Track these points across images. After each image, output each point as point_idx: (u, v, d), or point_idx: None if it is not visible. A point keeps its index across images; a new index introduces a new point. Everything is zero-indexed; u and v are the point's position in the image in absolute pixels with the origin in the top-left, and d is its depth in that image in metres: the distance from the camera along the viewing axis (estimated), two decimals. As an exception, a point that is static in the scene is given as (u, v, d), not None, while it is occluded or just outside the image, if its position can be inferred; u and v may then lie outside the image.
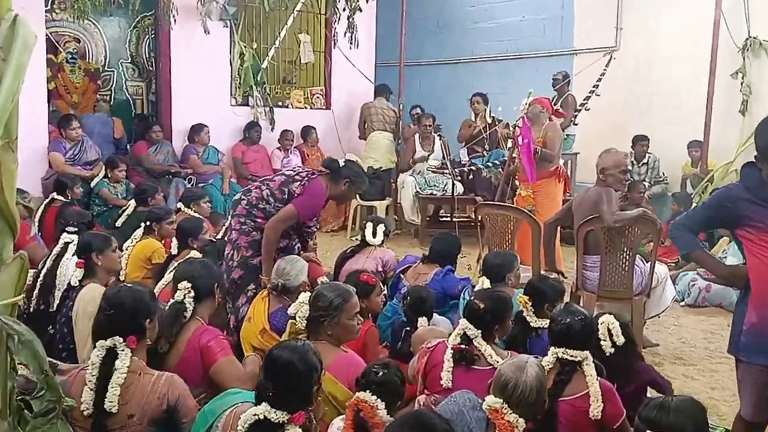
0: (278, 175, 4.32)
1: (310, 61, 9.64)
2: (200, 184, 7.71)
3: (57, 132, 7.21)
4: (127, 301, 2.55)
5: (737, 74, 8.14)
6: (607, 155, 4.81)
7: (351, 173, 4.30)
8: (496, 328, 3.06)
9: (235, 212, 4.21)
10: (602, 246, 4.66)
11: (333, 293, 3.05)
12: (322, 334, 3.01)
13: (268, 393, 2.23)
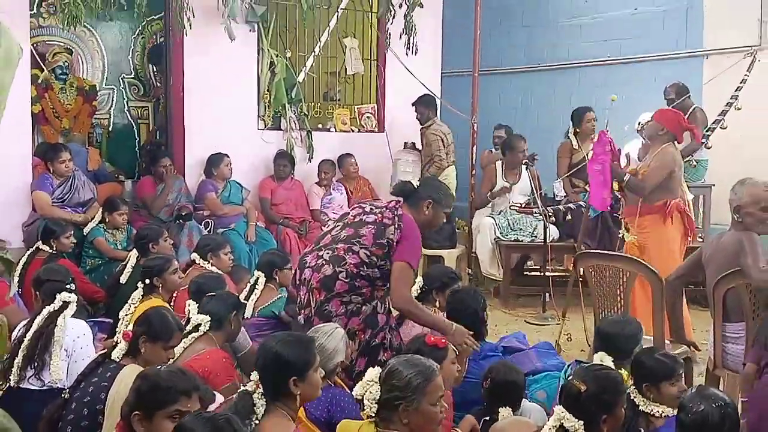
0: (362, 228, 4.41)
1: (358, 72, 9.70)
2: (219, 229, 7.77)
3: (43, 165, 7.32)
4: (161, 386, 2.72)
5: None
6: (741, 188, 4.74)
7: (430, 191, 4.52)
8: (605, 419, 3.02)
9: (333, 292, 4.29)
10: (748, 310, 4.57)
11: (412, 370, 3.03)
12: (396, 423, 3.00)
13: None
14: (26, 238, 6.99)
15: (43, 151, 7.55)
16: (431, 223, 4.63)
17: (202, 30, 7.94)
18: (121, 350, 3.60)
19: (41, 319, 4.07)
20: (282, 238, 8.15)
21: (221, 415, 2.46)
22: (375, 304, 4.39)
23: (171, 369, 2.99)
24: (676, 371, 3.67)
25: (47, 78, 8.40)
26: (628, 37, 10.17)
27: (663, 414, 3.52)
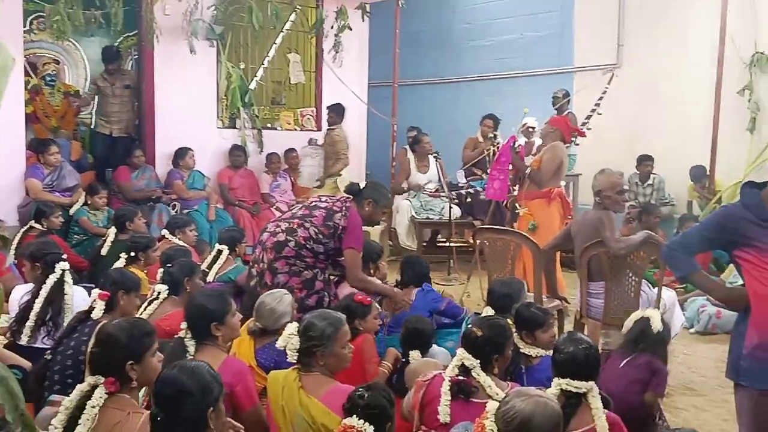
0: (314, 210, 4.45)
1: (299, 82, 9.68)
2: (185, 210, 7.69)
3: (35, 157, 7.19)
4: (118, 338, 2.56)
5: (744, 91, 8.22)
6: (601, 176, 4.87)
7: (372, 193, 4.57)
8: (496, 358, 3.04)
9: (281, 254, 4.31)
10: (606, 272, 4.69)
11: (324, 322, 3.05)
12: (315, 366, 3.01)
13: (157, 422, 2.18)
14: (20, 218, 6.82)
15: (35, 145, 7.42)
16: (371, 217, 4.66)
17: (169, 45, 7.82)
18: (100, 309, 3.49)
19: (48, 287, 3.94)
20: (237, 217, 8.09)
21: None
22: (316, 272, 4.39)
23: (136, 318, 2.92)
24: (547, 321, 3.74)
25: (38, 84, 8.29)
26: (515, 56, 10.30)
27: (538, 354, 3.58)
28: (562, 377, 2.83)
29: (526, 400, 2.37)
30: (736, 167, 8.09)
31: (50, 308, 3.90)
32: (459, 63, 10.95)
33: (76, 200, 7.02)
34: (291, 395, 2.94)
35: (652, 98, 8.88)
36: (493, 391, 2.88)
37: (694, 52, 8.55)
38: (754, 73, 8.19)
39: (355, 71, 9.56)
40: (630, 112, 8.90)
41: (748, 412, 2.84)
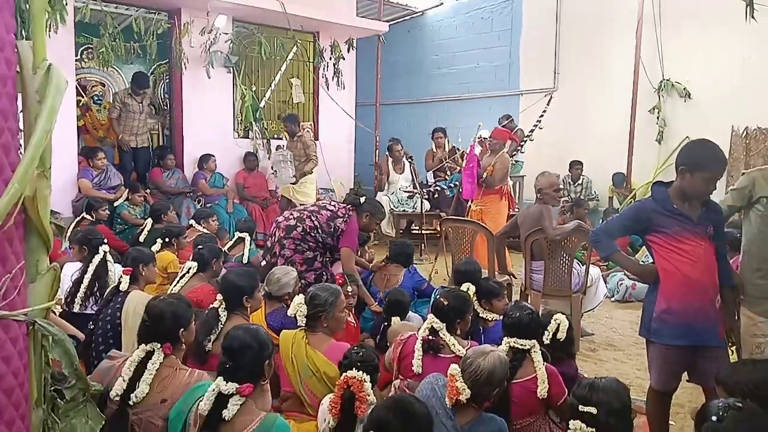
0: (322, 210, 4.55)
1: (300, 101, 9.62)
2: (208, 204, 7.64)
3: (85, 162, 7.11)
4: (166, 313, 2.58)
5: (654, 110, 8.31)
6: (542, 177, 4.89)
7: (371, 208, 4.64)
8: (458, 322, 3.06)
9: (290, 235, 4.43)
10: (545, 253, 4.72)
11: (326, 292, 3.10)
12: (319, 327, 3.06)
13: (225, 367, 2.21)
14: (74, 211, 6.73)
15: (86, 152, 7.33)
16: (367, 227, 4.69)
17: (194, 71, 7.79)
18: (126, 282, 3.49)
19: (94, 266, 3.94)
20: (250, 210, 8.03)
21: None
22: (316, 254, 4.44)
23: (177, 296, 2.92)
24: (502, 292, 3.76)
25: (87, 102, 8.16)
26: (473, 82, 10.32)
27: (493, 319, 3.61)
28: (511, 337, 2.86)
29: (486, 357, 2.42)
30: (648, 170, 8.19)
31: (97, 282, 3.90)
32: (428, 87, 10.95)
33: (119, 197, 6.95)
34: (299, 349, 2.96)
35: (581, 115, 8.95)
36: (456, 348, 2.91)
37: (615, 78, 8.62)
38: (661, 96, 8.28)
39: (346, 93, 9.52)
40: (564, 126, 8.95)
41: (656, 362, 2.88)
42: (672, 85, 8.16)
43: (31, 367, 1.25)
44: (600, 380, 1.93)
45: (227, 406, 2.12)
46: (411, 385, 2.77)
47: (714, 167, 2.69)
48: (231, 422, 2.11)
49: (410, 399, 2.09)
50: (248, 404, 2.17)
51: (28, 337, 1.25)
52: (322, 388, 2.83)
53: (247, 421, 2.11)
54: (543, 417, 2.81)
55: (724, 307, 2.85)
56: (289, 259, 4.36)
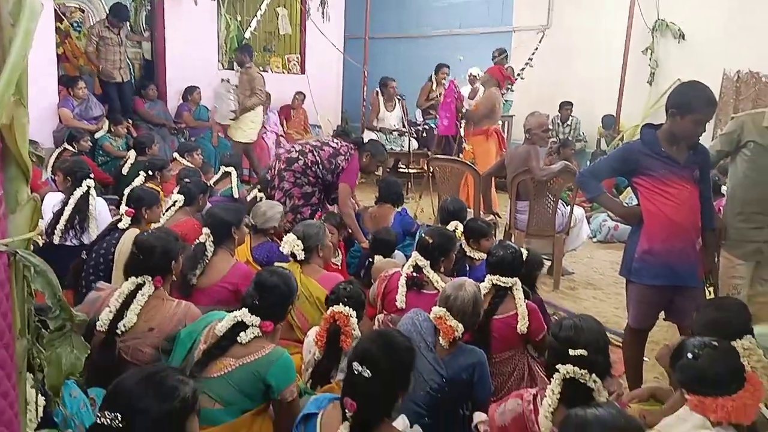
0: (325, 146, 4.49)
1: (287, 33, 9.37)
2: (192, 137, 7.52)
3: (65, 91, 6.90)
4: (156, 247, 2.60)
5: (647, 51, 8.18)
6: (531, 117, 4.84)
7: (372, 148, 4.59)
8: (442, 260, 3.11)
9: (291, 167, 4.39)
10: (531, 193, 4.73)
11: (314, 227, 3.25)
12: (314, 258, 3.19)
13: (252, 302, 2.29)
14: (54, 141, 6.59)
15: (65, 81, 7.09)
16: (367, 167, 4.65)
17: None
18: (126, 222, 3.48)
19: (75, 198, 3.87)
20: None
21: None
22: (314, 190, 4.44)
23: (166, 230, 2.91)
24: (489, 232, 3.79)
25: (66, 29, 7.84)
26: (465, 17, 10.04)
27: (480, 257, 3.64)
28: (494, 274, 2.90)
29: (464, 288, 2.49)
30: (637, 112, 8.14)
31: (77, 215, 3.86)
32: (419, 21, 10.64)
33: (101, 128, 6.79)
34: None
35: (573, 55, 8.79)
36: (440, 285, 2.95)
37: (609, 18, 8.42)
38: (655, 36, 8.13)
39: (333, 25, 9.25)
40: (555, 65, 8.80)
41: (635, 301, 2.94)
42: (666, 25, 8.01)
43: (13, 297, 1.24)
44: (579, 321, 1.97)
45: (245, 331, 2.23)
46: (394, 319, 2.82)
47: (704, 109, 2.68)
48: (241, 346, 2.21)
49: (393, 332, 2.14)
50: (261, 336, 2.27)
51: (10, 268, 1.24)
52: (314, 312, 2.97)
53: (256, 348, 2.21)
54: (522, 351, 2.90)
55: (704, 249, 2.90)
56: (287, 192, 4.35)
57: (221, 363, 2.19)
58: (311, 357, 2.54)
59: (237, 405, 2.16)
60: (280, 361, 2.19)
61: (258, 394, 2.18)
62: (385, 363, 1.78)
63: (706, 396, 1.78)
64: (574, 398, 1.80)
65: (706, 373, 1.81)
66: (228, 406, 2.15)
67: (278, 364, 2.17)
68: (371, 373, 1.75)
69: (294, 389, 2.20)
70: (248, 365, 2.17)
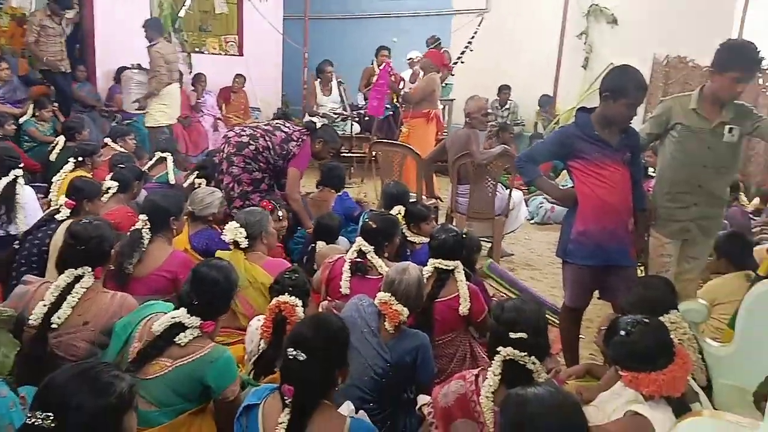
0: (277, 131, 4.36)
1: (223, 12, 9.09)
2: (126, 121, 7.22)
3: (-14, 72, 6.48)
4: (93, 237, 2.50)
5: (582, 35, 8.40)
6: (471, 101, 4.90)
7: (325, 134, 4.47)
8: (386, 245, 3.12)
9: (241, 152, 4.25)
10: (471, 177, 4.80)
11: (257, 214, 3.21)
12: (258, 245, 3.15)
13: (191, 302, 2.20)
14: (-26, 126, 6.17)
15: (-15, 61, 6.63)
16: (319, 153, 4.53)
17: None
18: (65, 214, 3.32)
19: (2, 187, 3.65)
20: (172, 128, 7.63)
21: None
22: (265, 176, 4.33)
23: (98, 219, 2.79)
24: (430, 216, 3.82)
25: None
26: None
27: (420, 242, 3.66)
28: (436, 258, 2.93)
29: (408, 272, 2.52)
30: (573, 96, 8.37)
31: (4, 204, 3.66)
32: (360, 2, 10.55)
33: (25, 112, 6.40)
34: (237, 265, 2.92)
35: (511, 39, 8.93)
36: (384, 270, 2.95)
37: (545, 2, 8.60)
38: (590, 21, 8.36)
39: (272, 4, 9.05)
40: (494, 49, 8.93)
41: (570, 281, 3.04)
42: (600, 10, 8.24)
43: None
44: (521, 303, 2.01)
45: (183, 331, 2.14)
46: (338, 305, 2.82)
47: (635, 93, 2.77)
48: (179, 347, 2.14)
49: (326, 315, 2.16)
50: (201, 335, 2.19)
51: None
52: (259, 298, 2.93)
53: (194, 348, 2.14)
54: (464, 333, 2.95)
55: (635, 229, 3.02)
56: (236, 177, 4.24)
57: (157, 364, 2.11)
58: (254, 347, 2.51)
59: (173, 406, 2.10)
60: (220, 362, 2.12)
61: (195, 395, 2.13)
62: (318, 343, 1.80)
63: (639, 372, 1.86)
64: (514, 379, 1.84)
65: (638, 350, 1.89)
66: (164, 408, 2.09)
67: (217, 365, 2.11)
68: (306, 356, 1.76)
69: (235, 388, 2.16)
70: (185, 366, 2.10)
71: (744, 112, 3.00)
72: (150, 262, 2.98)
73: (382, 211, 3.75)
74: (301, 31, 9.08)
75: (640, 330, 1.92)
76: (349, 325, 2.02)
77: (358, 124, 8.04)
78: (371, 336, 2.43)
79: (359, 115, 8.07)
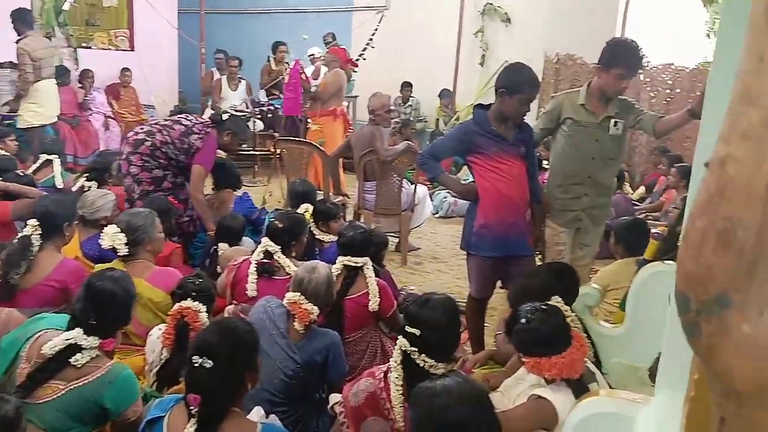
0: (176, 124, 4.10)
1: (112, 5, 8.59)
2: (6, 122, 6.64)
3: None
4: None
5: (478, 33, 8.68)
6: (374, 98, 4.94)
7: (232, 126, 4.26)
8: (294, 244, 3.08)
9: (137, 150, 3.97)
10: (377, 173, 4.84)
11: (140, 217, 2.96)
12: (141, 253, 2.90)
13: (87, 320, 2.04)
14: None
15: None
16: (228, 146, 4.33)
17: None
18: None
19: None
20: (58, 129, 7.11)
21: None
22: (167, 174, 4.06)
23: None
24: (338, 213, 3.82)
25: None
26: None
27: (329, 240, 3.65)
28: (345, 255, 2.93)
29: (317, 271, 2.50)
30: (471, 93, 8.63)
31: None
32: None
33: None
34: None
35: (412, 36, 9.06)
36: (292, 270, 2.92)
37: (443, 1, 8.80)
38: (485, 20, 8.64)
39: (166, -2, 8.66)
40: (396, 46, 9.02)
41: (474, 272, 3.14)
42: (495, 9, 8.54)
43: None
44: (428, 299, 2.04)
45: (79, 352, 1.99)
46: (245, 309, 2.75)
47: (529, 89, 2.90)
48: (75, 368, 1.98)
49: (233, 319, 2.11)
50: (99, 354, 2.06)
51: None
52: (148, 315, 2.75)
53: (92, 368, 2.00)
54: (374, 329, 2.97)
55: (532, 220, 3.16)
56: (136, 177, 3.97)
57: (49, 387, 1.95)
58: (156, 357, 2.40)
59: (68, 431, 1.96)
60: (119, 382, 1.99)
61: (92, 418, 2.00)
62: (225, 348, 1.73)
63: (541, 357, 1.95)
64: (412, 373, 1.88)
65: (539, 336, 1.97)
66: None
67: (116, 385, 1.99)
68: (212, 363, 1.69)
69: (137, 407, 2.04)
70: (81, 388, 1.96)
71: (627, 107, 3.22)
72: (38, 272, 2.77)
73: (288, 209, 3.70)
74: (197, 26, 8.76)
75: (539, 317, 2.00)
76: (257, 328, 1.97)
77: (261, 121, 7.88)
78: (280, 338, 2.39)
79: (262, 112, 7.92)
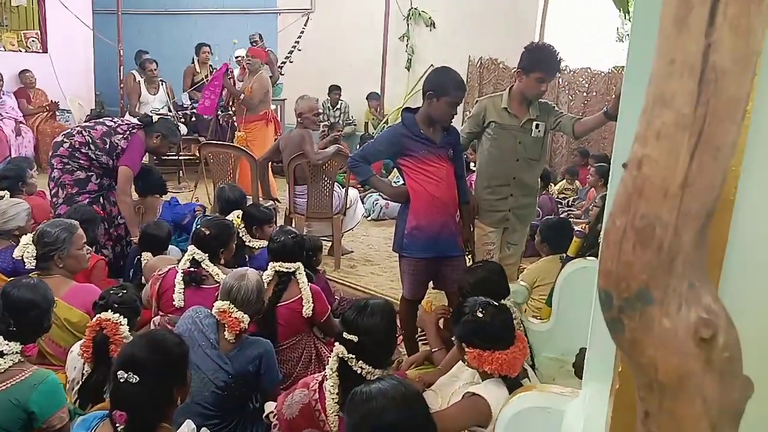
0: (99, 125, 4.00)
1: (21, 4, 8.11)
2: None
3: None
4: None
5: (404, 37, 8.78)
6: (302, 101, 4.89)
7: (162, 128, 4.12)
8: (222, 251, 3.01)
9: (56, 153, 3.87)
10: (308, 177, 4.80)
11: (58, 228, 2.78)
12: (54, 269, 2.73)
13: (8, 328, 2.00)
14: None
15: None
16: (158, 149, 4.20)
17: None
18: None
19: None
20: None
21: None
22: (90, 175, 3.91)
23: None
24: (272, 218, 3.76)
25: None
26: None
27: (259, 246, 3.59)
28: (276, 261, 2.88)
29: (246, 278, 2.45)
30: (398, 96, 8.72)
31: None
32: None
33: None
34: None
35: (338, 39, 9.06)
36: (221, 278, 2.84)
37: (369, 4, 8.84)
38: (410, 24, 8.76)
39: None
40: (323, 49, 9.00)
41: (407, 274, 3.15)
42: (419, 14, 8.66)
43: None
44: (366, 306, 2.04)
45: (1, 357, 1.95)
46: (172, 320, 2.66)
47: (456, 92, 2.95)
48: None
49: (159, 332, 2.05)
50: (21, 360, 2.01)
51: None
52: (65, 336, 2.60)
53: (15, 372, 1.95)
54: (308, 334, 2.94)
55: (461, 221, 3.22)
56: (58, 180, 3.84)
57: None
58: (77, 374, 2.27)
59: None
60: (44, 385, 1.93)
61: (17, 425, 1.91)
62: (152, 363, 1.67)
63: (485, 350, 1.98)
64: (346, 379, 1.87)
65: (488, 329, 2.01)
66: (-21, 441, 1.86)
67: (41, 388, 1.92)
68: (139, 378, 1.62)
69: (64, 415, 1.97)
70: (5, 392, 1.91)
71: (547, 109, 3.34)
72: None
73: (216, 215, 3.61)
74: (114, 27, 8.40)
75: (490, 311, 2.05)
76: (186, 340, 1.91)
77: (184, 125, 7.64)
78: (210, 349, 2.33)
79: (185, 116, 7.69)
